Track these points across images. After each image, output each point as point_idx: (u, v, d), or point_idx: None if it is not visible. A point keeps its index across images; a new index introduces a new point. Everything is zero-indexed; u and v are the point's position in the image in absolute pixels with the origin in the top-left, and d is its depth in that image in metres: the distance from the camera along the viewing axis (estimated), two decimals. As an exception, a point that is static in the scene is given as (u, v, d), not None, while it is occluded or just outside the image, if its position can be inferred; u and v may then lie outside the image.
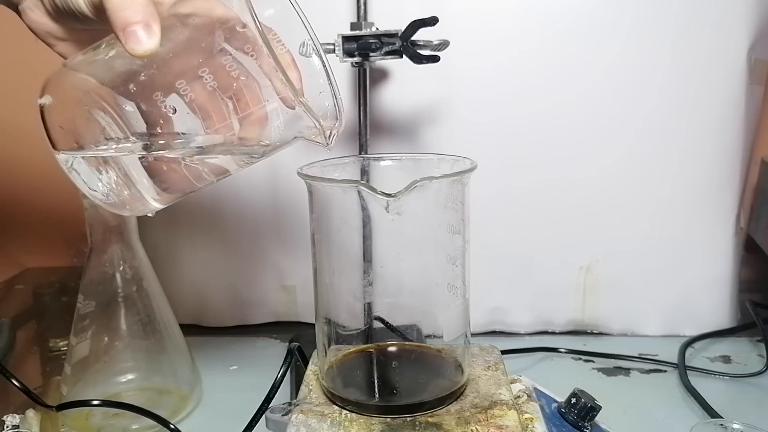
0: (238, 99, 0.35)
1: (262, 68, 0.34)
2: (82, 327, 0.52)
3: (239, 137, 0.35)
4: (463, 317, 0.40)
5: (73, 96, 0.35)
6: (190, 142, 0.35)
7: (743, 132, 0.64)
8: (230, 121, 0.35)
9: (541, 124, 0.64)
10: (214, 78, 0.34)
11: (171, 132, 0.34)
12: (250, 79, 0.34)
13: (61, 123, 0.34)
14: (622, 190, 0.65)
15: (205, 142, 0.35)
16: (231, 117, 0.35)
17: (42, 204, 0.93)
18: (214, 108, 0.35)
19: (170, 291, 0.58)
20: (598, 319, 0.69)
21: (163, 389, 0.55)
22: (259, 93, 0.35)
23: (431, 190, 0.37)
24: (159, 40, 0.32)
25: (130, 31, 0.32)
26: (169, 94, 0.33)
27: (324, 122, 0.35)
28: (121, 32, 0.32)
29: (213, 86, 0.34)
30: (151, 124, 0.34)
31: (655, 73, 0.62)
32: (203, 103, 0.34)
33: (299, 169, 0.39)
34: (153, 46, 0.32)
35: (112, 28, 0.32)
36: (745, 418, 0.47)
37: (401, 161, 0.45)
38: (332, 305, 0.41)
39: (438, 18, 0.49)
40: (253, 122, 0.36)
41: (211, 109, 0.35)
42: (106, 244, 0.52)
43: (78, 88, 0.34)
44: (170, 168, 0.36)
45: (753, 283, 0.78)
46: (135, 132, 0.34)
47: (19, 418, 0.48)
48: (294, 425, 0.37)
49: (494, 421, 0.36)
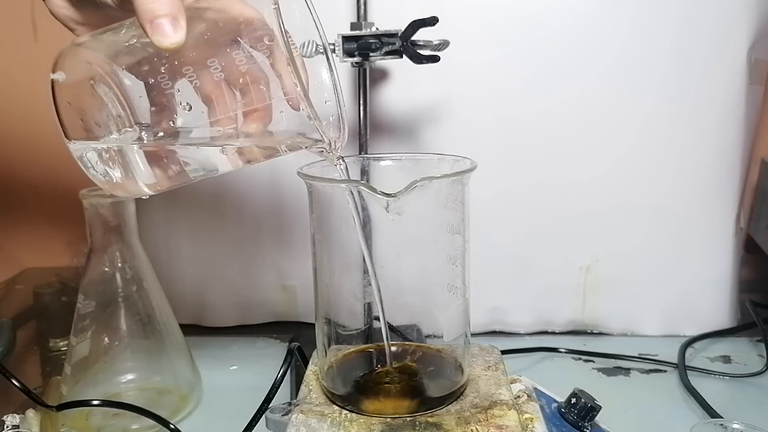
0: (244, 93, 0.35)
1: (273, 67, 0.34)
2: (82, 327, 0.52)
3: (241, 131, 0.35)
4: (463, 317, 0.40)
5: (80, 71, 0.35)
6: (191, 131, 0.35)
7: (743, 132, 0.64)
8: (234, 113, 0.35)
9: (541, 124, 0.64)
10: (222, 70, 0.34)
11: (173, 118, 0.35)
12: (259, 76, 0.35)
13: (69, 99, 0.35)
14: (622, 189, 0.65)
15: (205, 133, 0.35)
16: (236, 110, 0.35)
17: (42, 204, 0.93)
18: (219, 98, 0.35)
19: (170, 291, 0.58)
20: (598, 319, 0.69)
21: (163, 389, 0.55)
22: (266, 91, 0.35)
23: (431, 190, 0.37)
24: (185, 33, 0.32)
25: (158, 23, 0.32)
26: (177, 78, 0.34)
27: (328, 132, 0.35)
28: (148, 24, 0.32)
29: (220, 77, 0.34)
30: (154, 106, 0.34)
31: (655, 73, 0.62)
32: (209, 92, 0.35)
33: (299, 169, 0.39)
34: (179, 39, 0.32)
35: (139, 19, 0.33)
36: (745, 418, 0.47)
37: (401, 161, 0.45)
38: (332, 305, 0.41)
39: (438, 18, 0.49)
40: (256, 118, 0.36)
41: (216, 99, 0.35)
42: (106, 244, 0.52)
43: (86, 62, 0.35)
44: (168, 157, 0.36)
45: (753, 283, 0.78)
46: (137, 111, 0.34)
47: (19, 418, 0.48)
48: (294, 425, 0.37)
49: (494, 421, 0.36)
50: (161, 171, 0.36)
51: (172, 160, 0.36)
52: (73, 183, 0.48)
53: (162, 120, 0.35)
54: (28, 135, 0.89)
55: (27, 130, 0.88)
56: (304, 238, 0.69)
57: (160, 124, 0.35)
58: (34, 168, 0.91)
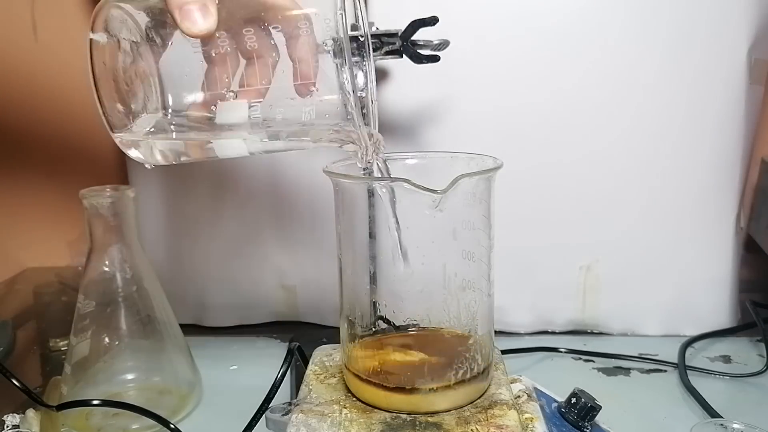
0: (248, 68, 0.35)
1: (296, 51, 0.34)
2: (82, 327, 0.52)
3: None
4: (489, 314, 0.41)
5: (115, 30, 0.35)
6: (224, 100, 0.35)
7: (743, 132, 0.64)
8: (265, 89, 0.35)
9: (541, 123, 0.63)
10: (256, 41, 0.34)
11: (203, 86, 0.34)
12: (271, 57, 0.35)
13: (104, 59, 0.35)
14: (622, 189, 0.65)
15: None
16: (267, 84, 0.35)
17: (42, 204, 0.93)
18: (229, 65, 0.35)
19: (170, 291, 0.58)
20: (598, 319, 0.69)
21: (163, 389, 0.55)
22: (270, 71, 0.35)
23: (468, 186, 0.37)
24: (215, 21, 0.32)
25: (187, 10, 0.31)
26: (209, 45, 0.33)
27: (364, 131, 0.35)
28: (177, 10, 0.31)
29: (253, 46, 0.34)
30: (186, 72, 0.34)
31: (655, 73, 0.62)
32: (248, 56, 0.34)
33: (325, 167, 0.39)
34: (209, 27, 0.32)
35: (167, 4, 0.32)
36: (745, 418, 0.47)
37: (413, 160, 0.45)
38: (355, 304, 0.41)
39: (438, 18, 0.49)
40: (250, 93, 0.35)
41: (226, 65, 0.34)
42: (106, 244, 0.52)
43: (121, 21, 0.35)
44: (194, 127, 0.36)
45: (753, 283, 0.78)
46: (168, 78, 0.34)
47: (19, 418, 0.48)
48: (294, 425, 0.37)
49: (494, 421, 0.36)
50: (183, 143, 0.36)
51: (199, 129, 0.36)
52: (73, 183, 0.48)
53: (193, 88, 0.34)
54: (28, 135, 0.89)
55: (27, 130, 0.88)
56: (305, 237, 0.70)
57: (191, 91, 0.35)
58: (34, 168, 0.91)
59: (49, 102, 0.87)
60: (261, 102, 0.35)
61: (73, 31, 0.84)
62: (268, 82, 0.35)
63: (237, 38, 0.34)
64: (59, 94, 0.86)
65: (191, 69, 0.35)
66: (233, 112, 0.35)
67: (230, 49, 0.34)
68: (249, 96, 0.35)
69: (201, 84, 0.35)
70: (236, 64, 0.35)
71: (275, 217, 0.69)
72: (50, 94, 0.86)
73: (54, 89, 0.86)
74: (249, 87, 0.35)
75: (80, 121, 0.87)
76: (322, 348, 0.47)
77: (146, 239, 0.55)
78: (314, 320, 0.73)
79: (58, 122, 0.88)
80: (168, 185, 0.70)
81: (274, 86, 0.35)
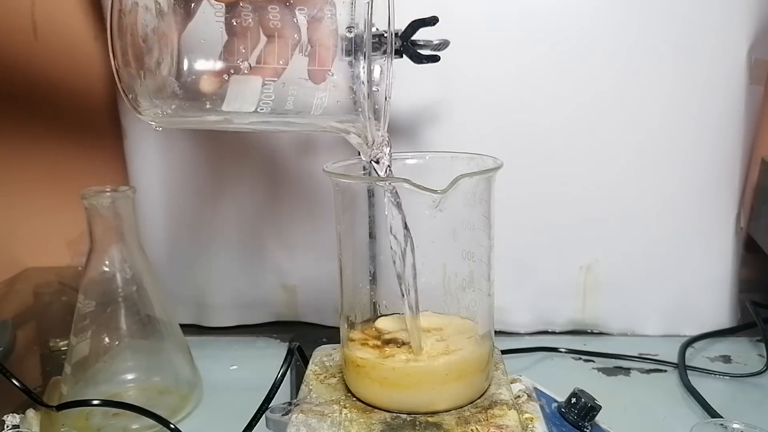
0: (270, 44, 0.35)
1: (316, 34, 0.35)
2: (82, 327, 0.52)
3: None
4: (489, 314, 0.41)
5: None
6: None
7: (743, 132, 0.64)
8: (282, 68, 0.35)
9: (541, 123, 0.64)
10: (280, 20, 0.34)
11: (219, 52, 0.34)
12: (292, 38, 0.35)
13: (120, 7, 0.35)
14: (622, 189, 0.65)
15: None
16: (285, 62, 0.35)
17: (42, 204, 0.93)
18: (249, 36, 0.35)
19: (170, 291, 0.58)
20: (598, 319, 0.69)
21: (163, 389, 0.55)
22: (289, 52, 0.35)
23: (468, 186, 0.37)
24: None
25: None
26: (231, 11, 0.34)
27: (374, 129, 0.35)
28: None
29: (276, 25, 0.34)
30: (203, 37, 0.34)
31: (655, 73, 0.62)
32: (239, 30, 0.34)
33: (325, 167, 0.39)
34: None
35: None
36: (745, 418, 0.47)
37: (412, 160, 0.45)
38: (355, 304, 0.41)
39: (438, 18, 0.49)
40: (266, 71, 0.35)
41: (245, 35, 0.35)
42: (106, 244, 0.52)
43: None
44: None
45: (753, 283, 0.78)
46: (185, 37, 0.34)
47: (19, 418, 0.48)
48: (294, 425, 0.37)
49: (494, 420, 0.36)
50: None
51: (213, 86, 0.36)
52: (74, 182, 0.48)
53: (210, 55, 0.34)
54: (28, 135, 0.89)
55: (27, 130, 0.88)
56: (305, 238, 0.70)
57: (207, 57, 0.34)
58: (34, 168, 0.91)
59: (49, 102, 0.87)
60: (275, 81, 0.35)
61: (73, 31, 0.84)
62: (285, 62, 0.35)
63: (261, 12, 0.34)
64: (59, 94, 0.86)
65: (210, 36, 0.34)
66: (245, 86, 0.35)
67: (252, 22, 0.34)
68: (264, 74, 0.35)
69: (218, 53, 0.35)
70: (256, 39, 0.35)
71: (275, 217, 0.69)
72: (50, 94, 0.86)
73: (54, 89, 0.86)
74: (266, 65, 0.35)
75: (80, 121, 0.87)
76: (322, 348, 0.47)
77: (146, 239, 0.55)
78: (314, 320, 0.73)
79: (58, 122, 0.88)
80: (168, 185, 0.70)
81: (290, 68, 0.35)
